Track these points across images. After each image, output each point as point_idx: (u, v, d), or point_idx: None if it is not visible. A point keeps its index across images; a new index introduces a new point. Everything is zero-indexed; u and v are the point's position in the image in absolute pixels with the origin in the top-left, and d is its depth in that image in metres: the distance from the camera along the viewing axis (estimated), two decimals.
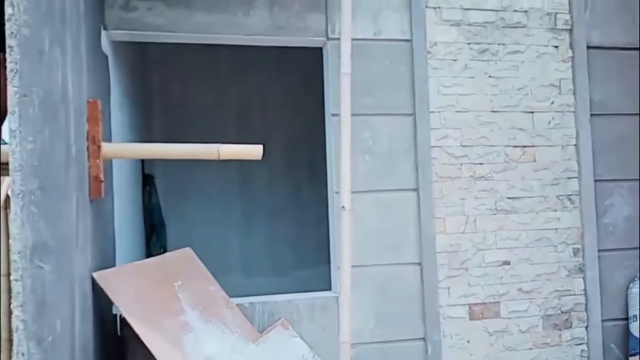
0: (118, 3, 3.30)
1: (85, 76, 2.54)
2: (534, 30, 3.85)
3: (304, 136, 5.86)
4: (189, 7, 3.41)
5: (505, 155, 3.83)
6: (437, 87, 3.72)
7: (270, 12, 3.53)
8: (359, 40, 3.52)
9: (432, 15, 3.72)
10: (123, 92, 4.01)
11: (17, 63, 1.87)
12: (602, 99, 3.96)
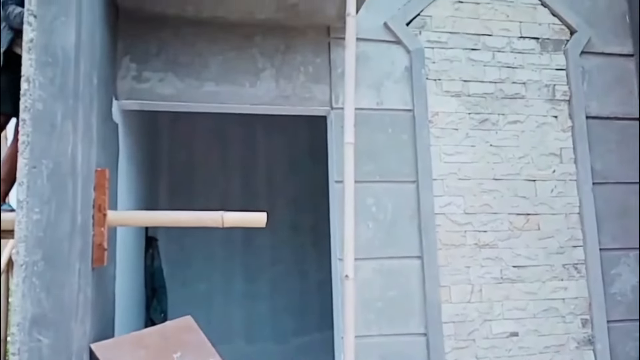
0: (130, 74, 3.44)
1: (95, 145, 2.61)
2: (533, 101, 3.96)
3: (308, 201, 5.89)
4: (199, 78, 3.54)
5: (509, 223, 3.82)
6: (439, 155, 3.77)
7: (276, 83, 3.65)
8: (362, 110, 3.61)
9: (433, 86, 3.83)
10: (131, 157, 4.09)
11: (29, 136, 1.93)
12: (604, 168, 4.00)
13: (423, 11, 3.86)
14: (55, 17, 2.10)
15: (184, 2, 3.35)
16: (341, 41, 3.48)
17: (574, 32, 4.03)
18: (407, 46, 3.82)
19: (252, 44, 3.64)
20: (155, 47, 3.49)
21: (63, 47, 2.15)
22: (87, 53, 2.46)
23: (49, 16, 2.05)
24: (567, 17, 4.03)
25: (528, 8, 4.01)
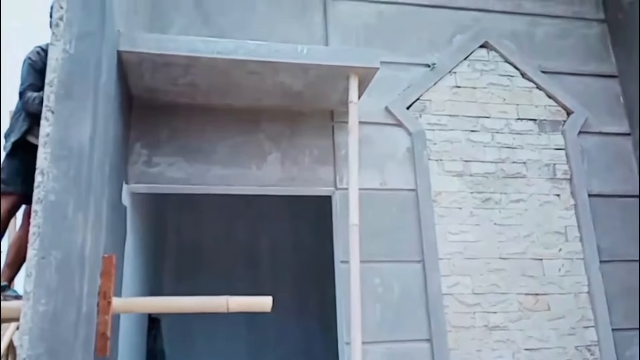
0: (141, 160, 3.54)
1: (104, 232, 2.65)
2: (534, 180, 4.01)
3: (314, 280, 5.83)
4: (208, 162, 3.64)
5: (519, 304, 3.75)
6: (444, 234, 3.78)
7: (282, 166, 3.74)
8: (366, 190, 3.66)
9: (435, 166, 3.91)
10: (138, 238, 4.12)
11: (40, 227, 1.96)
12: (610, 245, 3.98)
13: (422, 96, 4.02)
14: (72, 113, 2.21)
15: (195, 91, 3.52)
16: (344, 124, 3.59)
17: (570, 113, 4.16)
18: (408, 128, 3.94)
19: (258, 128, 3.77)
20: (166, 134, 3.62)
21: (78, 141, 2.25)
22: (101, 143, 2.56)
23: (66, 112, 2.16)
24: (563, 99, 4.17)
25: (524, 91, 4.17)
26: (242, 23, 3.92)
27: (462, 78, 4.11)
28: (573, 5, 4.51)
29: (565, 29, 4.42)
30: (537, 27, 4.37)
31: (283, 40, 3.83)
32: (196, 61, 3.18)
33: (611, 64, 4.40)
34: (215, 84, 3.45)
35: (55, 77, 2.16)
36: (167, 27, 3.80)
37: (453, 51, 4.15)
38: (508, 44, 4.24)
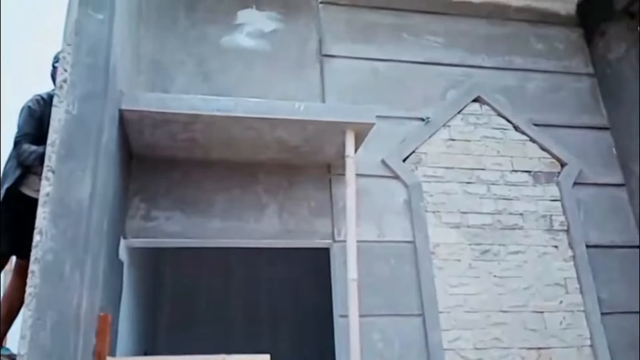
0: (139, 214, 3.56)
1: (100, 290, 2.63)
2: (532, 231, 4.02)
3: (313, 331, 5.72)
4: (206, 216, 3.65)
5: (521, 359, 3.68)
6: (443, 287, 3.75)
7: (279, 219, 3.75)
8: (364, 242, 3.65)
9: (432, 218, 3.93)
10: (133, 292, 4.07)
11: (37, 287, 1.96)
12: (610, 297, 3.94)
13: (418, 149, 4.08)
14: (72, 172, 2.25)
15: (194, 146, 3.57)
16: (341, 177, 3.64)
17: (564, 165, 4.22)
18: (404, 181, 3.98)
19: (256, 181, 3.81)
20: (164, 187, 3.65)
21: (78, 199, 2.28)
22: (101, 201, 2.58)
23: (66, 171, 2.20)
24: (556, 151, 4.24)
25: (517, 144, 4.24)
26: (242, 80, 4.03)
27: (456, 131, 4.19)
28: (562, 61, 4.65)
29: (556, 83, 4.55)
30: (528, 82, 4.49)
31: (281, 96, 3.94)
32: (196, 118, 3.25)
33: (602, 116, 4.50)
34: (214, 139, 3.52)
35: (57, 138, 2.21)
36: (169, 85, 3.91)
37: (447, 105, 4.25)
38: (500, 98, 4.35)
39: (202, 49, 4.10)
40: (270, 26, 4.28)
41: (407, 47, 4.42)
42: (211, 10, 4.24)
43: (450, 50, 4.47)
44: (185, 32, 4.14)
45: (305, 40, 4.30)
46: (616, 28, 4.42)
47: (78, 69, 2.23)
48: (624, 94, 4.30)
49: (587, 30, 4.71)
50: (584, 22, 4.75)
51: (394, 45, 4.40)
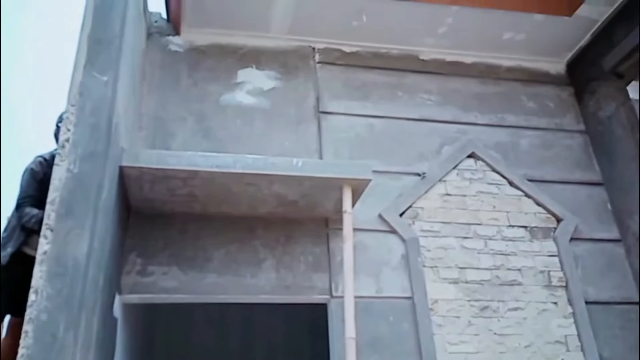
0: (135, 269, 3.53)
1: (93, 350, 2.58)
2: (531, 287, 3.99)
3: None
4: (202, 271, 3.63)
5: None
6: (443, 345, 3.68)
7: (277, 273, 3.72)
8: (362, 298, 3.61)
9: (430, 273, 3.90)
10: (127, 349, 3.98)
11: (29, 349, 1.93)
12: (612, 355, 3.86)
13: (415, 203, 4.11)
14: (70, 230, 2.26)
15: (192, 201, 3.60)
16: (339, 231, 3.63)
17: (560, 220, 4.23)
18: (402, 235, 3.98)
19: (253, 235, 3.80)
20: (161, 242, 3.65)
21: (75, 258, 2.28)
22: (97, 258, 2.58)
23: (64, 230, 2.21)
24: (552, 207, 4.26)
25: (513, 199, 4.27)
26: (241, 136, 4.11)
27: (452, 186, 4.23)
28: (554, 118, 4.76)
29: (549, 140, 4.63)
30: (521, 139, 4.57)
31: (279, 152, 4.01)
32: (195, 174, 3.29)
33: (596, 172, 4.55)
34: (212, 194, 3.55)
35: (57, 196, 2.24)
36: (169, 140, 3.98)
37: (442, 161, 4.32)
38: (494, 154, 4.42)
39: (202, 106, 4.20)
40: (269, 84, 4.40)
41: (402, 105, 4.53)
42: (212, 69, 4.37)
43: (444, 107, 4.59)
44: (186, 90, 4.26)
45: (303, 98, 4.42)
46: (605, 87, 4.55)
47: (80, 128, 2.29)
48: (616, 150, 4.38)
49: (577, 88, 4.84)
50: (573, 81, 4.89)
51: (389, 102, 4.52)
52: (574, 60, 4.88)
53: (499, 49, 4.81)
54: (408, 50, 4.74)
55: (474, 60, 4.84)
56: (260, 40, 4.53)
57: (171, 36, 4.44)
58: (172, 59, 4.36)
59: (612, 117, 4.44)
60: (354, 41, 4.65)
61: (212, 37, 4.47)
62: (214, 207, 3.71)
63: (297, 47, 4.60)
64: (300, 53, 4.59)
